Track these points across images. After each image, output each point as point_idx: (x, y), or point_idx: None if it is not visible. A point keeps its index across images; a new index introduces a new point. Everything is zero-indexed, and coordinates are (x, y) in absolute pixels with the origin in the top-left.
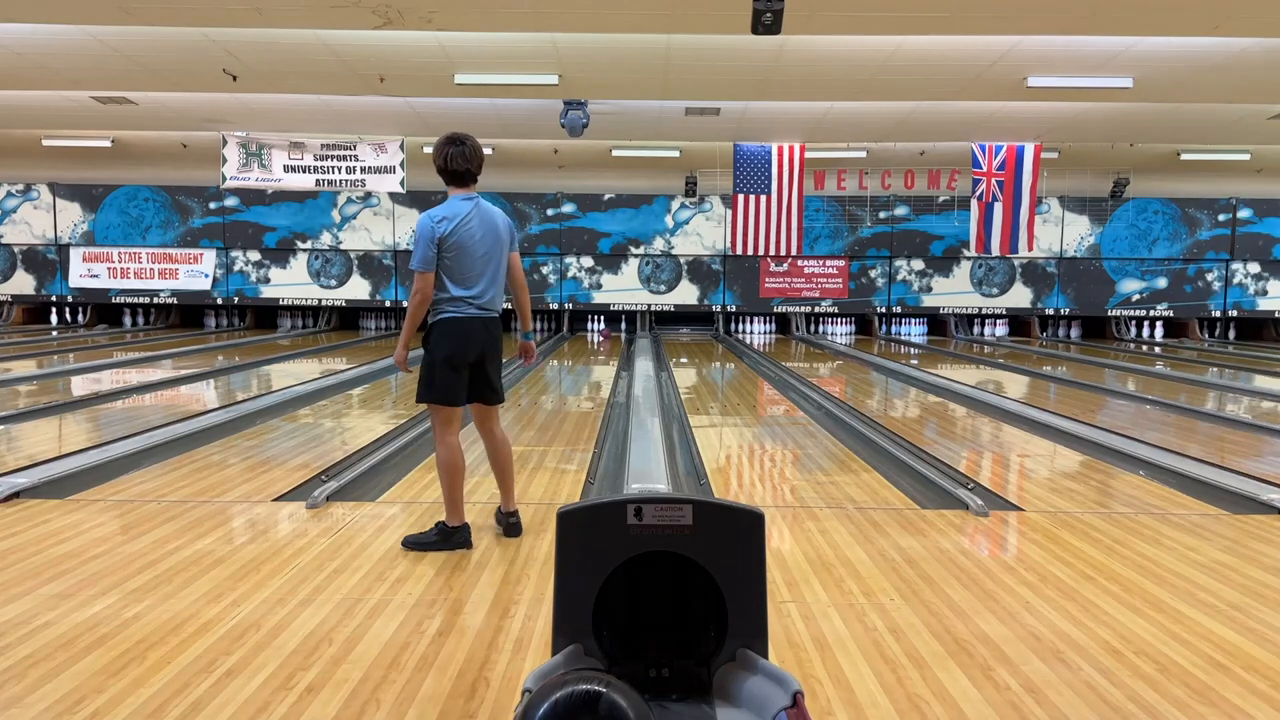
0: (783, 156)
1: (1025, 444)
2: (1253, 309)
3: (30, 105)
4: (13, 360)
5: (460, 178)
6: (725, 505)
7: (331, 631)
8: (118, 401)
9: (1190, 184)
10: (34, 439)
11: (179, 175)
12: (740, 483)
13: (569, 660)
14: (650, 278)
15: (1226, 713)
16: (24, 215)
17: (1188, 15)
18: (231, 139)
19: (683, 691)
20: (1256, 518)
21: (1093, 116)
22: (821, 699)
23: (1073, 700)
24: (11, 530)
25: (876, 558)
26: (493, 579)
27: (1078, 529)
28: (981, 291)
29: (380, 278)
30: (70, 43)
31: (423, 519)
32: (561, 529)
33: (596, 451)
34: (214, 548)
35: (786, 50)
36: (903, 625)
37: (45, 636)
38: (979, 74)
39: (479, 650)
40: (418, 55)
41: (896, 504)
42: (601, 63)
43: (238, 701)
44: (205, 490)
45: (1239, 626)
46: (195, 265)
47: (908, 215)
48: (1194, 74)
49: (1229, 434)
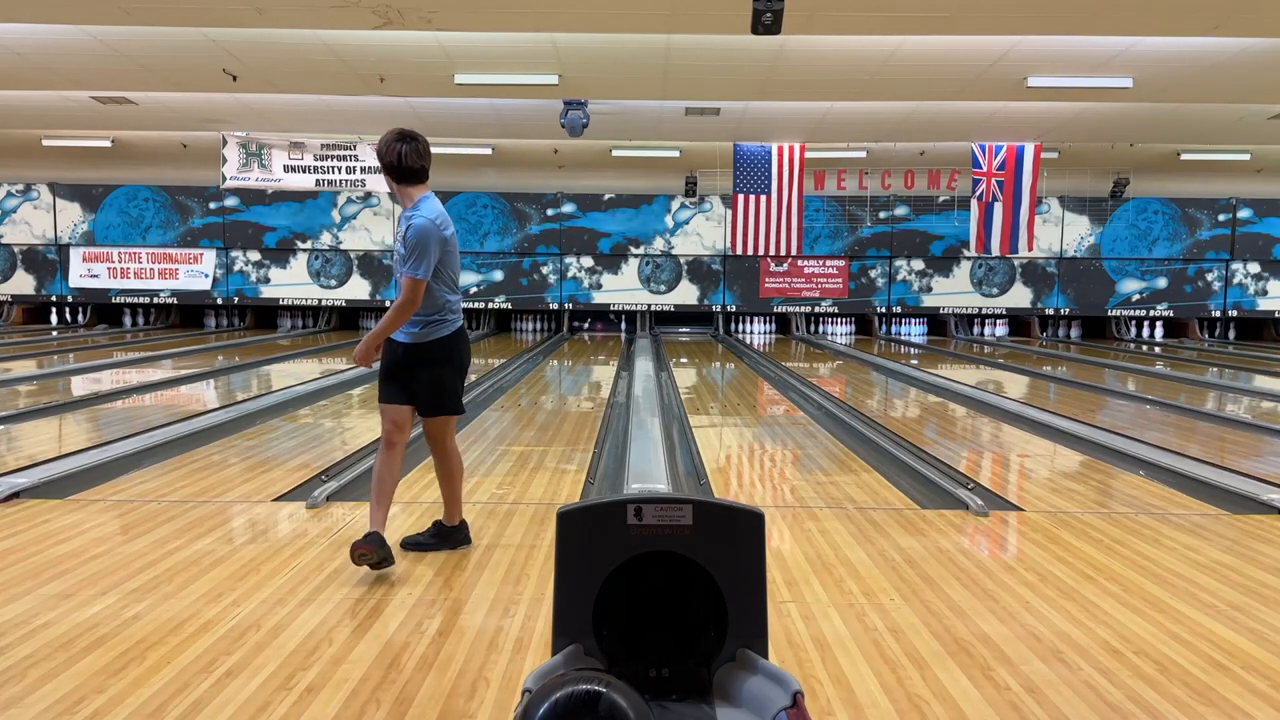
0: (783, 156)
1: (1025, 444)
2: (1253, 309)
3: (30, 105)
4: (13, 360)
5: (416, 175)
6: (725, 505)
7: (331, 631)
8: (118, 401)
9: (1190, 184)
10: (34, 439)
11: (179, 175)
12: (740, 483)
13: (569, 660)
14: (650, 278)
15: (1226, 713)
16: (24, 215)
17: (1188, 15)
18: (231, 139)
19: (683, 691)
20: (1257, 518)
21: (1093, 116)
22: (821, 699)
23: (1073, 700)
24: (11, 530)
25: (876, 558)
26: (493, 579)
27: (1078, 529)
28: (981, 291)
29: (380, 278)
30: (70, 43)
31: (422, 519)
32: (561, 529)
33: (596, 451)
34: (214, 548)
35: (786, 50)
36: (903, 625)
37: (45, 636)
38: (979, 74)
39: (479, 650)
40: (418, 55)
41: (896, 504)
42: (601, 63)
43: (238, 701)
44: (205, 490)
45: (1239, 626)
46: (195, 265)
47: (908, 215)
48: (1194, 74)
49: (1229, 434)
